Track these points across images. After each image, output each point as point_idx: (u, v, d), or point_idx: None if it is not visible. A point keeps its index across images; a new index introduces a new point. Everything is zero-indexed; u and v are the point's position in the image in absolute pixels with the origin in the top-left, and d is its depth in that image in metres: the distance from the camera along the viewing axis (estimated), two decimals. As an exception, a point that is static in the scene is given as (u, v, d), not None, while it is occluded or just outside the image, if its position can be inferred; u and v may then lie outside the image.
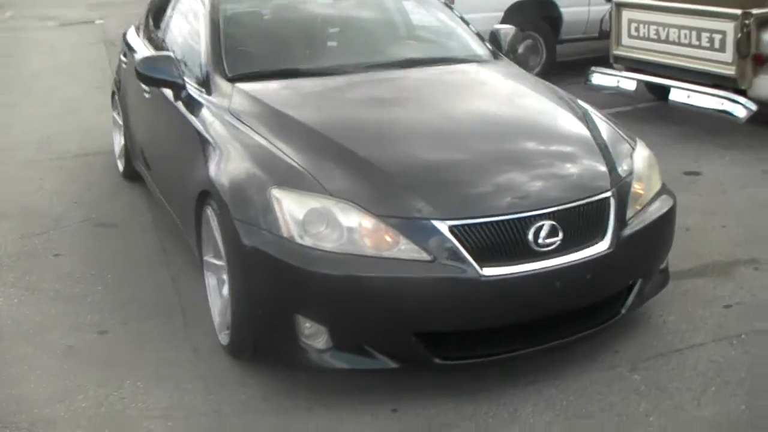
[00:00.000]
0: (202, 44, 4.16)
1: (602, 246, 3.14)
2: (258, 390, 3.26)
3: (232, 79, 3.90)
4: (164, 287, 4.21)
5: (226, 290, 3.36)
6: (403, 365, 3.06)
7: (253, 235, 3.05)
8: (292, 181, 3.09)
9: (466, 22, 4.77)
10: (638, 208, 3.37)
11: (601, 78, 7.52)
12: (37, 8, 23.14)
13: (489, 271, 2.93)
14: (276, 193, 3.04)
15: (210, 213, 3.40)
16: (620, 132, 3.75)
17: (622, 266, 3.25)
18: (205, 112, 3.82)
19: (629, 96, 7.37)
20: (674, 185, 3.89)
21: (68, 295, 4.15)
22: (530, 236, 3.00)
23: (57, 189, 5.91)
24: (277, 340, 3.10)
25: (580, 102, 4.09)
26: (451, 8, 4.86)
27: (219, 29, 4.18)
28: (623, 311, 3.38)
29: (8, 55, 13.65)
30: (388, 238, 2.94)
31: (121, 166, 6.00)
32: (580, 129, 3.65)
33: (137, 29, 5.95)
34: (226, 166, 3.36)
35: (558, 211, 3.07)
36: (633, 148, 3.61)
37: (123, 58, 5.78)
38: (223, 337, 3.42)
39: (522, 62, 7.99)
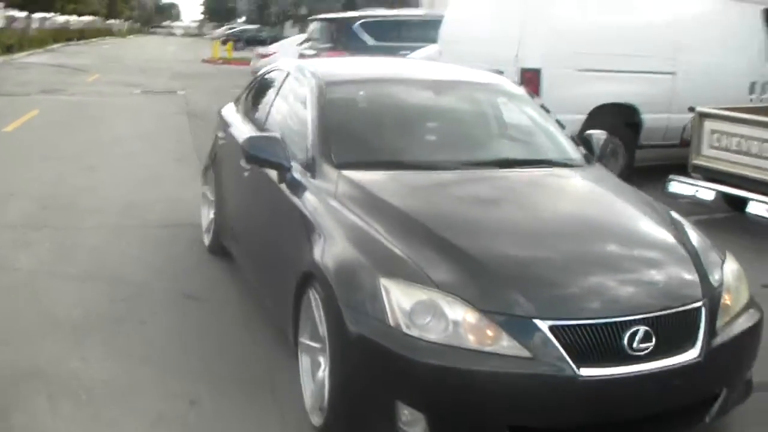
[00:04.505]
0: (309, 130, 4.31)
1: (692, 354, 3.20)
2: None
3: (338, 166, 4.03)
4: (250, 362, 4.29)
5: (321, 372, 3.45)
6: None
7: (358, 321, 3.14)
8: (400, 271, 3.19)
9: (562, 125, 4.87)
10: (727, 319, 3.43)
11: (679, 186, 7.55)
12: (121, 74, 24.19)
13: (586, 372, 3.00)
14: (384, 282, 3.13)
15: (313, 295, 3.49)
16: (711, 243, 3.83)
17: (710, 375, 3.30)
18: (310, 195, 3.95)
19: (705, 205, 7.40)
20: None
21: (156, 362, 4.25)
22: (625, 340, 3.08)
23: (142, 257, 6.07)
24: (375, 424, 3.16)
25: (672, 212, 4.16)
26: (547, 110, 4.97)
27: (326, 117, 4.34)
28: (707, 419, 3.40)
29: (93, 118, 14.26)
30: (490, 333, 3.02)
31: (207, 241, 6.15)
32: (673, 238, 3.73)
33: (236, 106, 6.18)
34: (333, 251, 3.47)
35: (653, 317, 3.15)
36: (723, 260, 3.67)
37: (220, 134, 5.98)
38: (316, 419, 3.47)
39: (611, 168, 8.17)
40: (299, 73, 5.02)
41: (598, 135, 4.95)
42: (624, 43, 8.91)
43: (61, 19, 50.01)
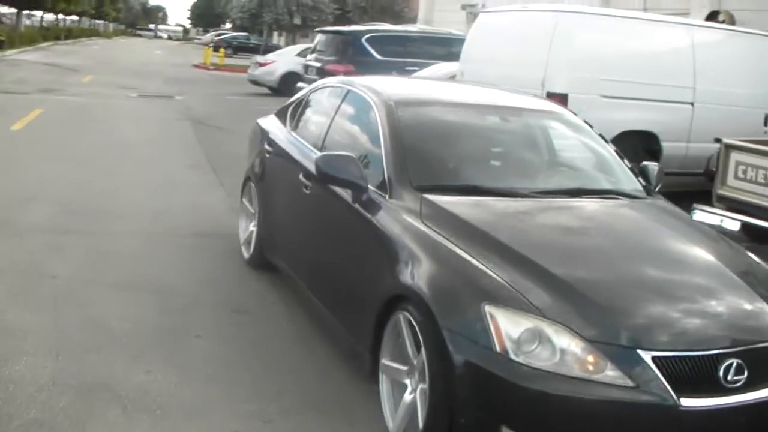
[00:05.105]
0: (383, 151, 4.29)
1: None
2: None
3: (418, 189, 4.02)
4: (313, 380, 4.26)
5: (407, 394, 3.46)
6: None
7: (463, 347, 3.15)
8: (503, 297, 3.20)
9: (621, 156, 4.92)
10: None
11: (703, 215, 7.59)
12: (115, 76, 24.05)
13: (686, 402, 3.05)
14: (489, 309, 3.14)
15: (405, 318, 3.48)
16: None
17: None
18: (390, 217, 3.94)
19: (726, 234, 7.48)
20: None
21: (221, 379, 4.19)
22: (721, 372, 3.14)
23: (180, 266, 6.02)
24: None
25: (739, 245, 4.24)
26: (606, 140, 5.02)
27: (401, 137, 4.32)
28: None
29: (96, 120, 14.23)
30: (594, 362, 3.06)
31: (246, 254, 6.09)
32: (752, 271, 3.82)
33: (280, 119, 6.15)
34: (428, 274, 3.47)
35: (745, 350, 3.23)
36: None
37: (268, 148, 5.93)
38: (400, 442, 3.48)
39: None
40: (360, 91, 5.00)
41: (653, 166, 5.01)
42: (646, 72, 9.05)
43: (50, 17, 49.73)
